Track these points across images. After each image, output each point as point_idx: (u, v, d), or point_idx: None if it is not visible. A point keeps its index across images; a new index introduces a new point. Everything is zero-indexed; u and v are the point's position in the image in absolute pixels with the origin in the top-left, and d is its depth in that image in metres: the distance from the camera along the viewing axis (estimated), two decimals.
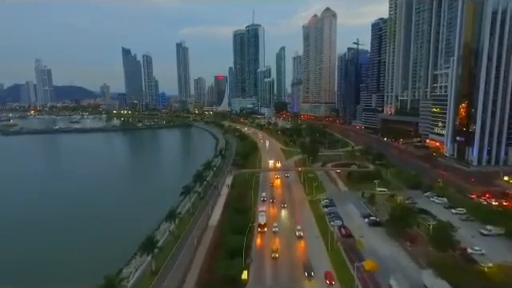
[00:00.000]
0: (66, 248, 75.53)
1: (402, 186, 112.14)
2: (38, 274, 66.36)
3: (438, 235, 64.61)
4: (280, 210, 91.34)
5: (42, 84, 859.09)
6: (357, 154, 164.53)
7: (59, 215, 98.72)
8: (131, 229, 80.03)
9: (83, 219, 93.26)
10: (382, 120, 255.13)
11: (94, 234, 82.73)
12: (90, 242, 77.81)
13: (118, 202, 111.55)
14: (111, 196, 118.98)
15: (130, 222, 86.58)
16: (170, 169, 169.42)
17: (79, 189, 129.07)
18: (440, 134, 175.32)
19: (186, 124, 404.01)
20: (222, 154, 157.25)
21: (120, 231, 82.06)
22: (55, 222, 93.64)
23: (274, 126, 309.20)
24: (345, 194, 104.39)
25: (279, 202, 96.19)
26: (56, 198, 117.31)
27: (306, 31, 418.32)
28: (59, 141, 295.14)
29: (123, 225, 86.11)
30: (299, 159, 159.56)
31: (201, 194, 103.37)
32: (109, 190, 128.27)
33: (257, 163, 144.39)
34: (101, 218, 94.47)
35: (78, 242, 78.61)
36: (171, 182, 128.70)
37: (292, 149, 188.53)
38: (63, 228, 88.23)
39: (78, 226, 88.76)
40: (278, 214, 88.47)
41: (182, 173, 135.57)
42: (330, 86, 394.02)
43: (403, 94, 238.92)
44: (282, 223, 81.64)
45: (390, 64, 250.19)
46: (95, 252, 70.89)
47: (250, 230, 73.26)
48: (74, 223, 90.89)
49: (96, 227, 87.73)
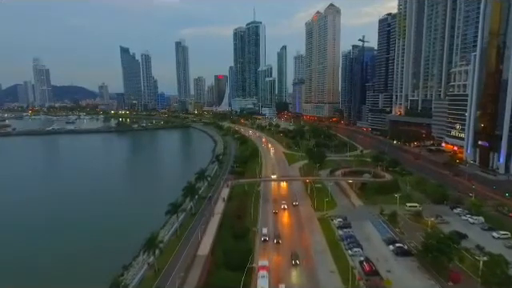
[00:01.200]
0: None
1: (424, 199, 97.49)
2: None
3: (491, 274, 50.06)
4: (289, 263, 61.29)
5: (40, 84, 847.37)
6: (367, 160, 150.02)
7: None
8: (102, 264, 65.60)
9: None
10: (390, 121, 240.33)
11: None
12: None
13: (94, 218, 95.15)
14: (87, 208, 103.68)
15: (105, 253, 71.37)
16: (162, 177, 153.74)
17: (59, 198, 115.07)
18: (458, 137, 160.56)
19: (184, 125, 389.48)
20: (218, 159, 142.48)
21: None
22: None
23: (276, 127, 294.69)
24: (360, 210, 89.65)
25: (287, 247, 67.50)
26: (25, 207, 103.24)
27: (309, 28, 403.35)
28: (50, 143, 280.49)
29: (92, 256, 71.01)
30: (304, 165, 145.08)
31: (192, 210, 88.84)
32: (88, 199, 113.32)
33: (257, 170, 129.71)
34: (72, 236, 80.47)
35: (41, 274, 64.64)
36: (162, 192, 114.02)
37: (296, 153, 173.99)
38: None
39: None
40: (287, 272, 59.03)
41: (175, 182, 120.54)
42: (333, 85, 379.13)
43: (414, 93, 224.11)
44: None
45: (399, 62, 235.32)
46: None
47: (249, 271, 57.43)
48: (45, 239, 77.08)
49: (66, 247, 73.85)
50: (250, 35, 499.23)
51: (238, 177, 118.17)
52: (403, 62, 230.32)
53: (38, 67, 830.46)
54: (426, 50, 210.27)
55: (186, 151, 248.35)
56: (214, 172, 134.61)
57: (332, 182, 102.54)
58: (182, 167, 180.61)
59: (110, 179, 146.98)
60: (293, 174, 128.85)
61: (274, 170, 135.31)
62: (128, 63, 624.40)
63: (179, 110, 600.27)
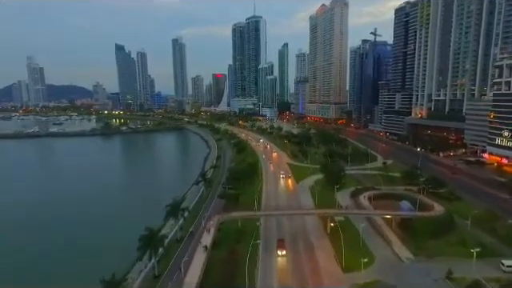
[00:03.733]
0: None
1: (496, 245, 66.63)
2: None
3: None
4: None
5: (34, 83, 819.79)
6: (394, 175, 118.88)
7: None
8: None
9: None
10: (409, 125, 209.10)
11: None
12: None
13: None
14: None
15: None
16: (135, 198, 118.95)
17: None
18: (506, 147, 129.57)
19: (178, 127, 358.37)
20: (205, 178, 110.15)
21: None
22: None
23: (278, 130, 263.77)
24: (412, 271, 58.41)
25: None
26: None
27: (314, 22, 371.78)
28: (23, 148, 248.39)
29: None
30: (317, 182, 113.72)
31: (155, 273, 57.70)
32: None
33: (256, 194, 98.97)
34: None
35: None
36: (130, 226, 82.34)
37: (304, 165, 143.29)
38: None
39: None
40: None
41: (150, 208, 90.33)
42: (340, 83, 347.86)
43: (439, 92, 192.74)
44: None
45: (420, 56, 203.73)
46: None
47: None
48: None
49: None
50: (250, 30, 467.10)
51: (229, 204, 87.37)
52: (426, 56, 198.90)
53: (32, 66, 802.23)
54: (455, 42, 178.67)
55: (173, 160, 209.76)
56: (199, 196, 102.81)
57: (363, 221, 71.43)
58: (164, 183, 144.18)
59: (66, 197, 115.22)
60: (303, 199, 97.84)
61: (278, 193, 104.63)
62: (123, 61, 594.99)
63: (176, 110, 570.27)
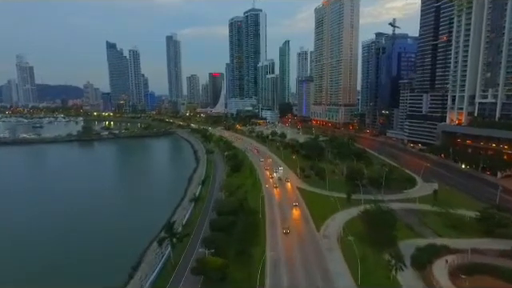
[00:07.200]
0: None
1: None
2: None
3: None
4: None
5: (24, 82, 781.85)
6: (461, 213, 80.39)
7: None
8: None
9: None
10: (444, 133, 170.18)
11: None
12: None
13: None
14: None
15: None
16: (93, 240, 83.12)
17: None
18: None
19: (166, 132, 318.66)
20: (174, 233, 66.07)
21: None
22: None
23: (282, 137, 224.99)
24: None
25: None
26: None
27: (320, 15, 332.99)
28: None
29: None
30: (349, 225, 75.40)
31: None
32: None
33: (257, 262, 60.53)
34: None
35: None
36: None
37: (321, 191, 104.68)
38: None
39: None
40: None
41: None
42: (350, 83, 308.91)
43: (485, 93, 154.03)
44: None
45: (459, 48, 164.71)
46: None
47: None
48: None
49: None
50: (249, 25, 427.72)
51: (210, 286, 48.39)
52: (467, 47, 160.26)
53: (22, 65, 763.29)
54: (510, 29, 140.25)
55: (150, 180, 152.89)
56: (160, 268, 62.56)
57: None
58: (129, 219, 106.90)
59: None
60: (333, 267, 59.18)
61: (293, 255, 65.57)
62: (115, 60, 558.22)
63: (170, 111, 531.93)
